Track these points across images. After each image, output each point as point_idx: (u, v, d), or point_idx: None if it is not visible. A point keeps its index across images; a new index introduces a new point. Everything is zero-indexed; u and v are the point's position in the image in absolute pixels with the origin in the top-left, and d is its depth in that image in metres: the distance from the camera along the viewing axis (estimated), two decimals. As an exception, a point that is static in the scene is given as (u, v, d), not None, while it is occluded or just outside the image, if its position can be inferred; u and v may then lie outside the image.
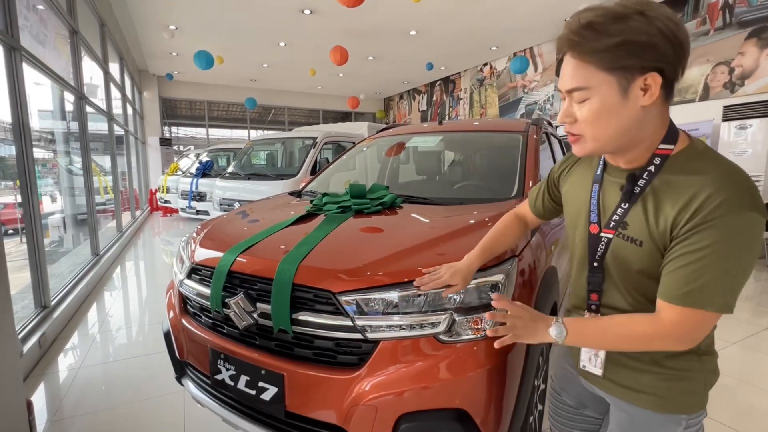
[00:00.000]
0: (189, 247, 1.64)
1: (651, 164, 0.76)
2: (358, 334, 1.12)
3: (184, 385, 1.60)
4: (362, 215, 1.60)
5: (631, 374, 0.83)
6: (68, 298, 3.27)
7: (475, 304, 1.13)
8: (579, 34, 0.71)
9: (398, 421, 1.08)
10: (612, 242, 0.80)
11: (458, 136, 2.47)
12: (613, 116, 0.72)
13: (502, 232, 1.13)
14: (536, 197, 1.11)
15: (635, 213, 0.77)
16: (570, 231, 0.93)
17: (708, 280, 0.67)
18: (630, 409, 0.84)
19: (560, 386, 1.04)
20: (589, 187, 0.87)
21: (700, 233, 0.67)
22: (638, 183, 0.77)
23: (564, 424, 1.05)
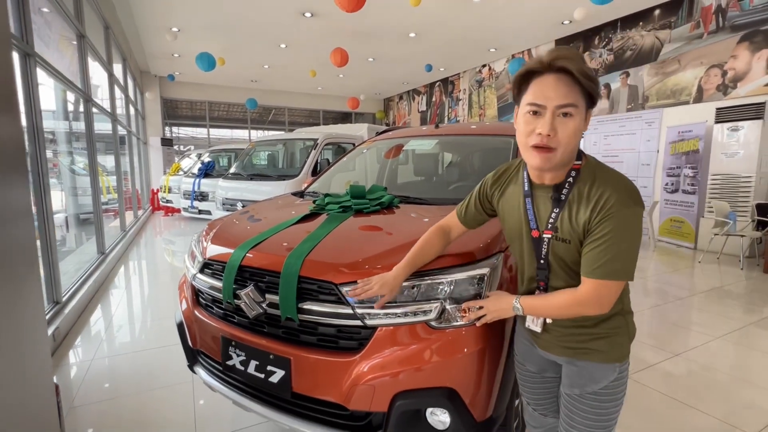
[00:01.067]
0: (201, 244, 1.76)
1: (569, 177, 0.99)
2: (358, 321, 1.24)
3: (196, 372, 1.72)
4: (362, 214, 1.73)
5: (578, 339, 1.05)
6: (78, 294, 3.39)
7: (464, 295, 1.26)
8: (579, 59, 0.90)
9: (394, 398, 1.21)
10: (552, 241, 1.01)
11: (453, 139, 2.59)
12: (578, 135, 0.93)
13: (425, 247, 1.27)
14: (465, 210, 1.27)
15: (562, 219, 0.98)
16: (513, 239, 1.13)
17: (610, 258, 0.90)
18: (579, 363, 1.06)
19: (523, 358, 1.23)
20: (522, 202, 1.07)
21: (602, 224, 0.91)
22: (562, 192, 0.99)
23: (531, 387, 1.25)
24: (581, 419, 1.07)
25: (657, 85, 7.06)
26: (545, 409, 1.26)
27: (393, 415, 1.20)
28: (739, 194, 5.75)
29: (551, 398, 1.24)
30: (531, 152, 0.96)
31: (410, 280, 1.25)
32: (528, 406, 1.29)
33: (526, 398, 1.28)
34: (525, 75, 0.96)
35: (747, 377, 2.46)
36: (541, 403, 1.25)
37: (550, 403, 1.25)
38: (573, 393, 1.07)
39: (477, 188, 1.25)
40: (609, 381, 1.04)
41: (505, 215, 1.14)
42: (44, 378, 1.38)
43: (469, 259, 1.30)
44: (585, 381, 1.05)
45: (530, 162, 0.98)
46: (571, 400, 1.08)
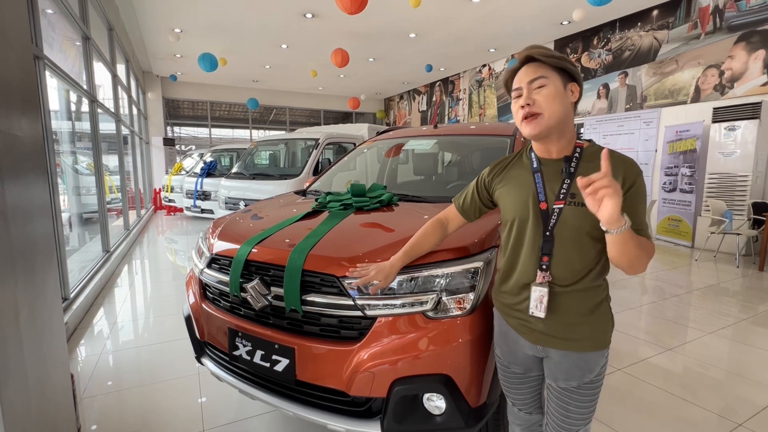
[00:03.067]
0: (207, 241, 1.83)
1: (575, 153, 1.11)
2: (358, 311, 1.32)
3: (203, 363, 1.79)
4: (362, 212, 1.80)
5: (578, 328, 1.10)
6: (85, 291, 3.47)
7: (459, 287, 1.33)
8: (544, 48, 1.10)
9: (392, 385, 1.28)
10: (563, 211, 1.07)
11: (452, 139, 2.66)
12: (560, 101, 1.06)
13: (422, 239, 1.34)
14: (463, 201, 1.34)
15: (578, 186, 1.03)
16: (515, 217, 1.15)
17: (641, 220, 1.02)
18: (574, 355, 1.11)
19: (507, 360, 1.24)
20: (531, 179, 1.15)
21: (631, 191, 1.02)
22: (572, 164, 1.09)
23: (517, 387, 1.28)
24: (576, 407, 1.12)
25: (655, 85, 7.12)
26: (531, 407, 1.29)
27: (392, 400, 1.27)
28: (736, 193, 5.81)
29: (536, 396, 1.28)
30: (523, 125, 1.10)
31: (408, 273, 1.32)
32: (513, 407, 1.32)
33: (512, 399, 1.30)
34: (510, 77, 1.16)
35: (740, 371, 2.53)
36: (527, 402, 1.28)
37: (534, 401, 1.29)
38: (570, 386, 1.11)
39: (475, 180, 1.33)
40: (600, 367, 1.11)
41: (508, 198, 1.18)
42: (62, 366, 1.46)
43: (464, 253, 1.37)
44: (582, 372, 1.10)
45: (525, 132, 1.10)
46: (566, 393, 1.12)
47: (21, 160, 1.20)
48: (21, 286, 1.13)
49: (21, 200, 1.18)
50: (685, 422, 2.00)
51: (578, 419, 1.13)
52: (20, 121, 1.22)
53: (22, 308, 1.13)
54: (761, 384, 2.37)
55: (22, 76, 1.26)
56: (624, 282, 4.45)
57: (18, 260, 1.12)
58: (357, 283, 1.29)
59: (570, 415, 1.14)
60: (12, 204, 1.10)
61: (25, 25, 1.33)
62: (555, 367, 1.14)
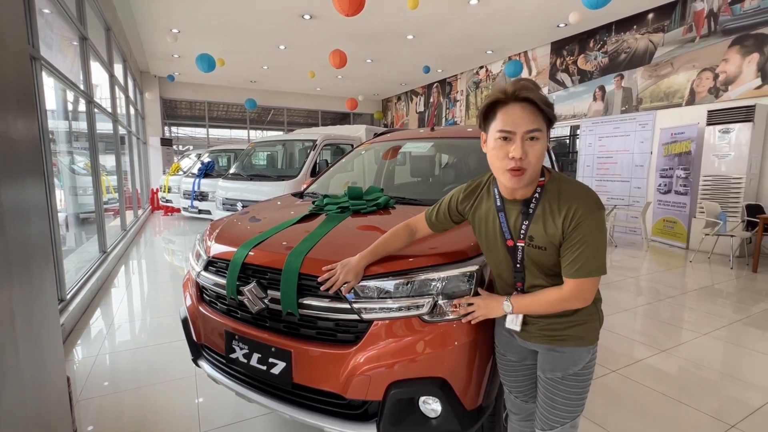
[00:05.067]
0: (205, 243, 1.83)
1: (535, 192, 1.11)
2: (355, 315, 1.32)
3: (200, 365, 1.79)
4: (359, 215, 1.81)
5: (558, 327, 1.16)
6: (82, 292, 3.46)
7: (455, 291, 1.34)
8: (538, 89, 1.03)
9: (388, 388, 1.28)
10: (525, 250, 1.13)
11: (448, 142, 2.67)
12: (543, 155, 1.06)
13: (391, 240, 1.37)
14: (434, 216, 1.37)
15: (536, 229, 1.10)
16: (489, 249, 1.23)
17: (586, 259, 1.04)
18: (559, 349, 1.16)
19: (503, 349, 1.32)
20: (496, 216, 1.19)
21: (575, 231, 1.04)
22: (530, 207, 1.11)
23: (513, 376, 1.34)
24: (562, 398, 1.16)
25: (651, 87, 7.17)
26: (526, 396, 1.34)
27: (388, 403, 1.28)
28: (730, 195, 5.86)
29: (531, 385, 1.33)
30: (506, 175, 1.07)
31: (405, 276, 1.33)
32: (510, 394, 1.37)
33: (508, 387, 1.37)
34: (491, 105, 1.07)
35: (733, 373, 2.55)
36: (522, 390, 1.34)
37: (529, 389, 1.34)
38: (555, 376, 1.17)
39: (447, 199, 1.35)
40: (585, 362, 1.15)
41: (481, 227, 1.24)
42: (58, 368, 1.45)
43: (461, 257, 1.38)
44: (566, 364, 1.15)
45: (506, 183, 1.09)
46: (552, 383, 1.18)
47: (17, 162, 1.20)
48: (17, 288, 1.13)
49: (17, 202, 1.18)
50: (678, 423, 2.02)
51: (564, 411, 1.18)
52: (16, 123, 1.22)
53: (18, 311, 1.13)
54: (754, 385, 2.39)
55: (17, 77, 1.26)
56: (619, 283, 4.47)
57: (14, 263, 1.12)
58: (331, 291, 1.32)
59: (556, 405, 1.18)
60: (8, 206, 1.10)
61: (21, 25, 1.33)
62: (543, 359, 1.21)
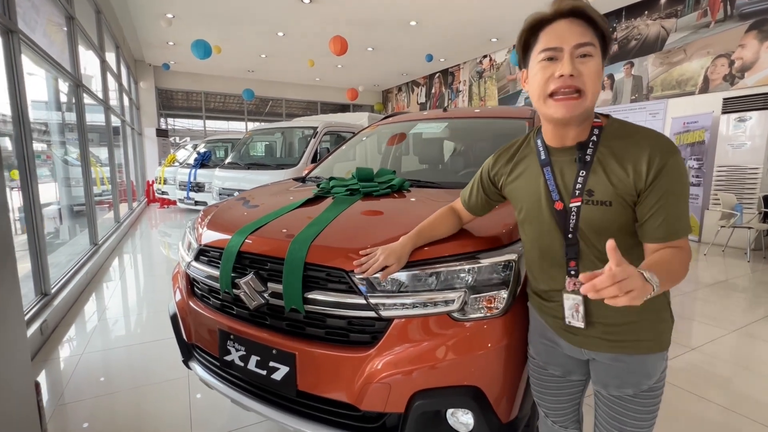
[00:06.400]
0: (196, 231, 1.63)
1: (592, 135, 0.89)
2: (372, 312, 1.12)
3: (191, 368, 1.60)
4: (371, 198, 1.60)
5: (627, 329, 0.91)
6: (68, 286, 3.25)
7: (489, 283, 1.13)
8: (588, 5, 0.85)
9: (412, 398, 1.09)
10: (582, 210, 0.88)
11: (463, 122, 2.45)
12: (600, 78, 0.86)
13: (440, 221, 1.18)
14: (469, 195, 1.18)
15: (596, 180, 0.87)
16: (530, 221, 0.99)
17: (680, 213, 0.83)
18: (628, 359, 0.92)
19: (544, 360, 1.08)
20: (540, 173, 0.96)
21: (659, 180, 0.82)
22: (587, 152, 0.88)
23: (552, 394, 1.10)
24: (634, 421, 0.95)
25: (662, 75, 6.94)
26: (566, 420, 1.12)
27: (411, 416, 1.08)
28: (746, 186, 5.66)
29: (575, 406, 1.12)
30: (552, 103, 0.85)
31: (430, 267, 1.13)
32: (546, 418, 1.15)
33: (545, 408, 1.14)
34: (532, 28, 0.89)
35: (755, 369, 2.37)
36: (563, 413, 1.11)
37: (571, 412, 1.12)
38: (624, 394, 0.94)
39: (478, 174, 1.16)
40: (660, 371, 0.93)
41: (520, 195, 1.02)
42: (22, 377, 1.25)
43: (495, 243, 1.18)
44: (638, 378, 0.92)
45: (553, 114, 0.86)
46: (620, 402, 0.95)
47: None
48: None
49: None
50: (709, 424, 1.83)
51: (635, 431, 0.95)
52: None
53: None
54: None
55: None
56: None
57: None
58: (367, 273, 1.09)
59: (625, 429, 0.96)
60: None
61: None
62: (605, 371, 0.97)
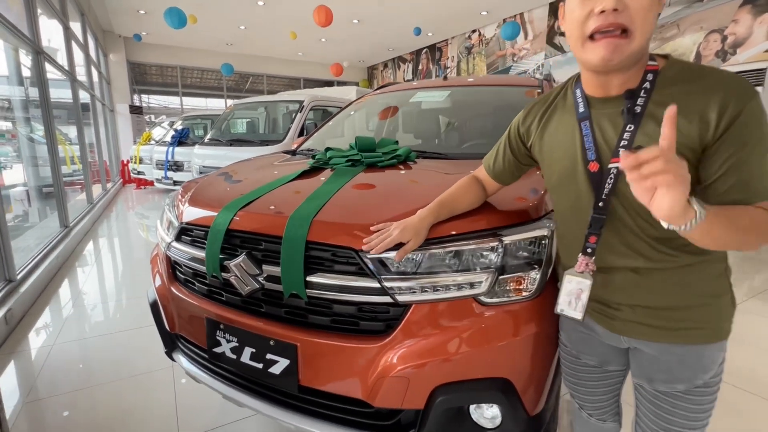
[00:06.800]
0: (176, 207, 1.43)
1: (645, 81, 0.74)
2: (386, 297, 0.97)
3: (175, 360, 1.43)
4: (375, 169, 1.43)
5: (677, 315, 0.79)
6: (36, 272, 3.00)
7: (521, 262, 0.99)
8: None
9: (433, 393, 0.96)
10: (619, 173, 0.75)
11: (467, 91, 2.28)
12: (653, 13, 0.69)
13: (462, 192, 1.04)
14: (495, 159, 1.04)
15: (648, 134, 0.72)
16: (561, 184, 0.87)
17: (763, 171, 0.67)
18: (679, 349, 0.80)
19: (578, 349, 0.98)
20: (576, 129, 0.82)
21: (735, 130, 0.67)
22: (637, 102, 0.73)
23: (586, 386, 1.00)
24: (684, 421, 0.83)
25: (654, 50, 6.79)
26: (604, 413, 1.02)
27: (432, 413, 0.95)
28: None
29: (613, 398, 1.01)
30: (591, 46, 0.71)
31: (453, 244, 0.98)
32: (581, 411, 1.04)
33: (580, 401, 1.03)
34: None
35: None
36: (600, 405, 1.01)
37: (611, 404, 1.01)
38: (673, 390, 0.82)
39: (505, 133, 1.02)
40: (718, 365, 0.81)
41: (551, 156, 0.89)
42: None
43: (524, 217, 1.03)
44: (693, 371, 0.80)
45: (591, 59, 0.72)
46: (670, 400, 0.83)
47: None
48: None
49: None
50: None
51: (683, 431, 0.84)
52: None
53: None
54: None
55: None
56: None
57: None
58: (377, 250, 0.95)
59: (672, 429, 0.85)
60: None
61: None
62: (650, 363, 0.84)
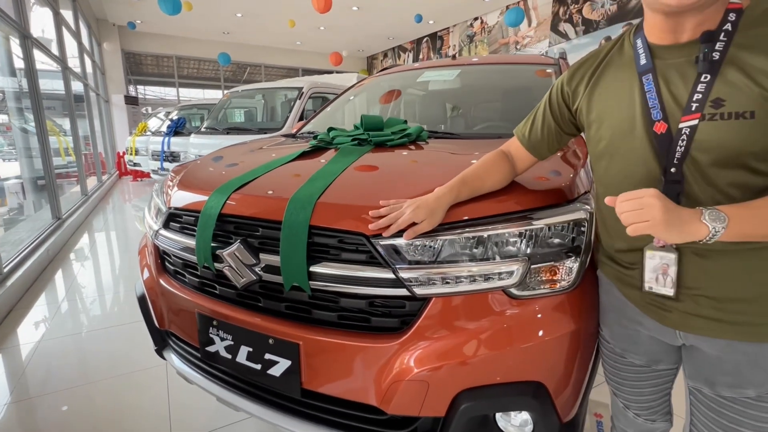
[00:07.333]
0: (165, 192, 1.30)
1: (725, 22, 0.62)
2: (402, 289, 0.85)
3: (166, 358, 1.32)
4: (383, 149, 1.30)
5: (748, 307, 0.66)
6: (25, 265, 2.87)
7: (555, 250, 0.87)
8: None
9: (456, 399, 0.84)
10: (699, 130, 0.63)
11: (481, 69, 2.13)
12: None
13: (489, 168, 0.91)
14: (531, 127, 0.91)
15: (729, 84, 0.61)
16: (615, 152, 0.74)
17: None
18: (749, 348, 0.68)
19: (622, 347, 0.87)
20: (636, 84, 0.71)
21: None
22: (716, 46, 0.61)
23: (632, 386, 0.90)
24: (751, 429, 0.71)
25: None
26: (654, 413, 0.91)
27: (456, 421, 0.83)
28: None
29: (663, 397, 0.91)
30: None
31: (478, 229, 0.85)
32: (627, 410, 0.94)
33: (625, 400, 0.93)
34: None
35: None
36: (649, 405, 0.91)
37: (661, 404, 0.91)
38: (741, 396, 0.71)
39: (546, 96, 0.90)
40: None
41: (602, 115, 0.77)
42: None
43: (559, 199, 0.91)
44: (766, 375, 0.68)
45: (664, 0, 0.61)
46: (736, 407, 0.72)
47: None
48: None
49: None
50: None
51: None
52: None
53: None
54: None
55: None
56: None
57: None
58: (388, 232, 0.83)
59: None
60: None
61: None
62: (711, 365, 0.73)
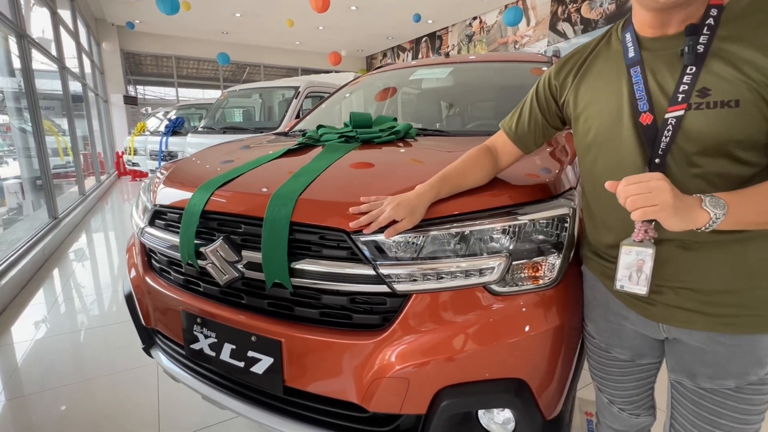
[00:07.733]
0: (152, 190, 1.30)
1: (707, 17, 0.64)
2: (383, 286, 0.84)
3: (153, 356, 1.31)
4: (370, 146, 1.29)
5: (740, 298, 0.67)
6: (20, 264, 2.87)
7: (537, 246, 0.86)
8: None
9: (436, 396, 0.83)
10: (686, 120, 0.64)
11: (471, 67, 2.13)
12: None
13: (471, 164, 0.91)
14: (518, 120, 0.90)
15: (715, 74, 0.63)
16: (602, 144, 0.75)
17: None
18: (729, 340, 0.69)
19: (607, 342, 0.88)
20: (623, 76, 0.72)
21: None
22: (699, 39, 0.63)
23: (616, 381, 0.90)
24: (733, 422, 0.72)
25: None
26: (638, 407, 0.91)
27: (436, 419, 0.83)
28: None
29: (646, 392, 0.91)
30: None
31: (460, 225, 0.85)
32: (611, 405, 0.94)
33: (609, 395, 0.93)
34: None
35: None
36: (633, 400, 0.91)
37: (644, 399, 0.91)
38: (721, 387, 0.71)
39: (533, 89, 0.90)
40: None
41: (589, 108, 0.77)
42: None
43: (543, 194, 0.90)
44: (745, 366, 0.68)
45: None
46: (717, 398, 0.72)
47: None
48: None
49: None
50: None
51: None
52: None
53: None
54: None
55: None
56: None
57: None
58: (369, 229, 0.82)
59: (716, 430, 0.73)
60: None
61: None
62: (692, 356, 0.73)
